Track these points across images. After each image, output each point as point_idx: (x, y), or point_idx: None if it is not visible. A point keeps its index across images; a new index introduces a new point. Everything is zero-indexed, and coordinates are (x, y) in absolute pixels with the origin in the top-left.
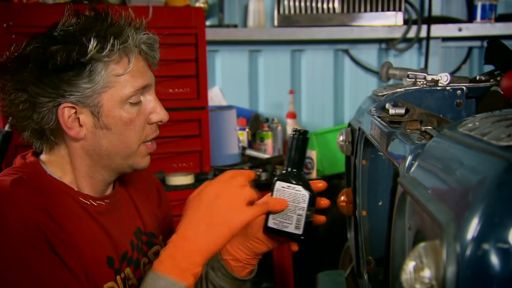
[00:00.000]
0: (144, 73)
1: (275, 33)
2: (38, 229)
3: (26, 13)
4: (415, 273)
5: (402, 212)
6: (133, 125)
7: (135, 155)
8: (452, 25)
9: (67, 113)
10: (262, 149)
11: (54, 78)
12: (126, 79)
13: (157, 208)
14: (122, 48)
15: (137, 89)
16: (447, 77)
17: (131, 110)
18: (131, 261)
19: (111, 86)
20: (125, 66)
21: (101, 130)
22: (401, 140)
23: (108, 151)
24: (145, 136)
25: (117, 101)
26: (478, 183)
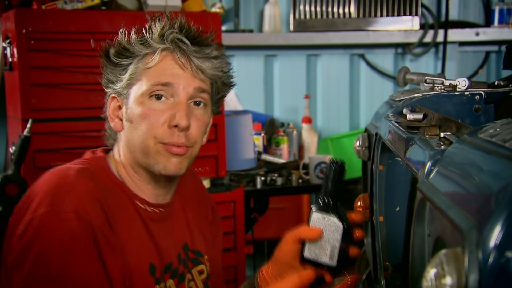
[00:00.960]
0: (169, 72)
1: (291, 38)
2: (88, 224)
3: (45, 19)
4: (437, 281)
5: (421, 218)
6: (147, 119)
7: (155, 155)
8: (469, 29)
9: (112, 103)
10: (278, 153)
11: (106, 66)
12: (151, 73)
13: (208, 227)
14: (147, 41)
15: (155, 84)
16: (465, 82)
17: (149, 105)
18: (176, 274)
19: (138, 79)
20: (151, 60)
21: (128, 123)
22: (420, 146)
23: (133, 146)
24: (160, 136)
25: (139, 94)
26: (500, 190)
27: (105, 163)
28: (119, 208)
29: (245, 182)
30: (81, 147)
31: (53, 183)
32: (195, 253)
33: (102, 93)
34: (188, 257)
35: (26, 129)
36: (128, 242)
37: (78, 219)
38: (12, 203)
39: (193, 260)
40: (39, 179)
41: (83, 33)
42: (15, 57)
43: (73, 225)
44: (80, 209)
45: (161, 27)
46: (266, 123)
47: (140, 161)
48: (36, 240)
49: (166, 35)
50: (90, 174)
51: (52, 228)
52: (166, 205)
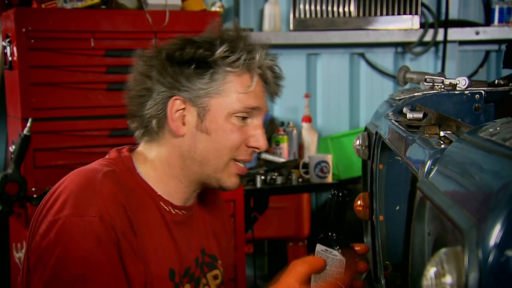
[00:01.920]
0: (260, 97)
1: (291, 37)
2: (112, 229)
3: (45, 18)
4: (436, 279)
5: (421, 217)
6: (231, 138)
7: (224, 171)
8: (469, 28)
9: (176, 106)
10: (278, 153)
11: (176, 69)
12: (241, 95)
13: (223, 233)
14: (247, 63)
15: (247, 107)
16: (465, 81)
17: (235, 123)
18: (193, 278)
19: (224, 96)
20: (247, 82)
21: (201, 133)
22: (420, 145)
23: (201, 157)
24: (238, 154)
25: (225, 111)
26: (500, 189)
27: (131, 163)
28: (143, 211)
29: (245, 181)
30: (80, 146)
31: (79, 184)
32: (211, 257)
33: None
34: (204, 261)
35: (26, 128)
36: (150, 247)
37: (102, 224)
38: (12, 202)
39: (208, 264)
40: (65, 178)
41: (83, 32)
42: (15, 56)
43: (97, 230)
44: (105, 214)
45: (261, 53)
46: (266, 122)
47: (206, 172)
48: (59, 242)
49: (264, 61)
50: (116, 177)
51: (76, 231)
52: (188, 207)
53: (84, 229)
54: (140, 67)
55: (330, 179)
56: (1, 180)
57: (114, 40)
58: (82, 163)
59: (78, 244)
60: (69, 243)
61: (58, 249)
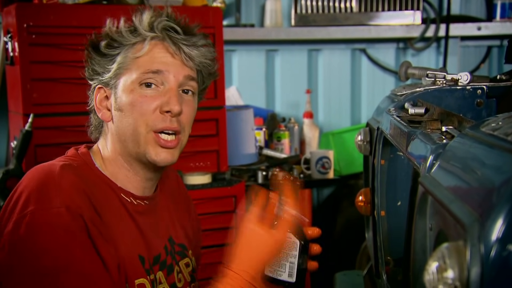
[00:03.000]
0: (162, 60)
1: (292, 32)
2: (79, 217)
3: (46, 14)
4: (438, 274)
5: (423, 212)
6: (139, 106)
7: (146, 144)
8: (471, 24)
9: (99, 94)
10: (279, 148)
11: (91, 58)
12: (141, 62)
13: (189, 222)
14: (138, 30)
15: (146, 71)
16: (467, 76)
17: (139, 92)
18: (164, 265)
19: (128, 68)
20: (140, 48)
21: (117, 112)
22: (422, 140)
23: (123, 135)
24: (153, 123)
25: (129, 83)
26: (502, 184)
27: (89, 158)
28: (105, 201)
29: (247, 177)
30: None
31: (38, 180)
32: (180, 246)
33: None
34: (175, 250)
35: (28, 123)
36: (117, 234)
37: (70, 213)
38: None
39: (179, 253)
40: (22, 178)
41: (85, 28)
42: (16, 52)
43: (65, 220)
44: (70, 203)
45: (150, 16)
46: (268, 118)
47: (131, 150)
48: (29, 236)
49: (156, 23)
50: (74, 169)
51: (44, 224)
52: (150, 197)
53: (52, 221)
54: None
55: (331, 175)
56: (2, 175)
57: None
58: None
59: (49, 237)
60: (40, 237)
61: (29, 244)
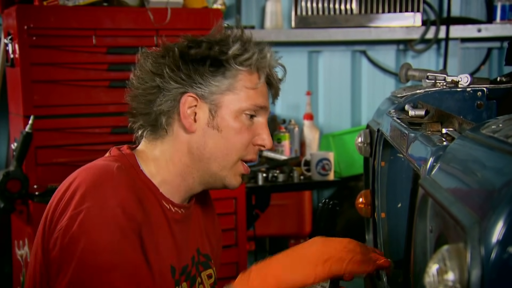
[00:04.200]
0: (266, 96)
1: (292, 34)
2: (133, 220)
3: (46, 15)
4: (439, 276)
5: (423, 214)
6: (241, 135)
7: (231, 169)
8: (471, 25)
9: (188, 102)
10: (279, 150)
11: (190, 67)
12: (251, 93)
13: (213, 233)
14: (258, 62)
15: (257, 105)
16: (467, 78)
17: (244, 121)
18: (189, 277)
19: (236, 93)
20: (254, 81)
21: (212, 130)
22: (422, 142)
23: (210, 154)
24: (246, 153)
25: (235, 108)
26: (503, 186)
27: (134, 160)
28: (149, 206)
29: (247, 179)
30: (82, 143)
31: (95, 178)
32: (205, 256)
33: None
34: (200, 261)
35: (28, 125)
36: (158, 240)
37: (125, 214)
38: (14, 199)
39: (203, 263)
40: (76, 175)
41: (85, 30)
42: (16, 54)
43: (120, 221)
44: (126, 205)
45: (270, 53)
46: (268, 119)
47: (209, 169)
48: (83, 233)
49: (272, 61)
50: (127, 171)
51: (99, 221)
52: (187, 206)
53: (107, 219)
54: (148, 65)
55: (331, 177)
56: (3, 177)
57: (116, 38)
58: (84, 160)
59: (103, 234)
60: (94, 234)
61: (83, 240)
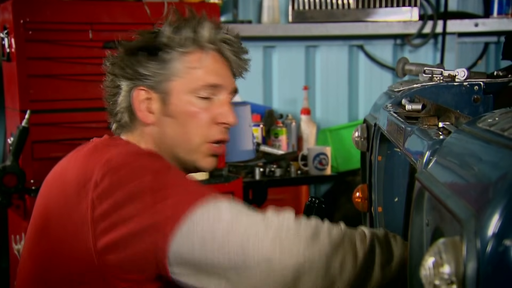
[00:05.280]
0: (220, 73)
1: (290, 29)
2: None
3: (42, 9)
4: (435, 269)
5: (420, 208)
6: (197, 118)
7: (198, 153)
8: (468, 20)
9: (140, 96)
10: (276, 145)
11: (133, 60)
12: (198, 73)
13: None
14: (196, 40)
15: (206, 85)
16: (464, 72)
17: (197, 104)
18: None
19: (182, 76)
20: (199, 59)
21: (167, 118)
22: (419, 136)
23: (171, 141)
24: (209, 134)
25: (185, 92)
26: (499, 179)
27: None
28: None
29: (244, 174)
30: (79, 138)
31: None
32: None
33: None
34: None
35: (25, 120)
36: None
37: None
38: (10, 193)
39: None
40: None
41: (81, 24)
42: (13, 48)
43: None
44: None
45: (209, 27)
46: (265, 114)
47: (177, 155)
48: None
49: (215, 35)
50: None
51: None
52: None
53: (164, 166)
54: (108, 67)
55: (329, 171)
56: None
57: (112, 32)
58: None
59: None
60: (156, 172)
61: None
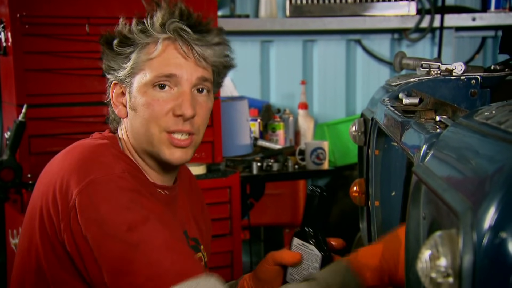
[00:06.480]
0: (175, 62)
1: (287, 23)
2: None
3: (39, 3)
4: (431, 262)
5: (417, 201)
6: (151, 109)
7: (159, 144)
8: (465, 14)
9: (115, 90)
10: (274, 139)
11: (109, 56)
12: (154, 64)
13: (201, 217)
14: (149, 31)
15: (160, 75)
16: (461, 66)
17: (154, 95)
18: None
19: (141, 69)
20: (150, 51)
21: (132, 111)
22: (416, 130)
23: (137, 133)
24: (164, 125)
25: (142, 84)
26: (495, 172)
27: (116, 142)
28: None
29: (241, 168)
30: (76, 132)
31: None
32: (194, 240)
33: (100, 78)
34: (189, 244)
35: (21, 114)
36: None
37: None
38: (7, 188)
39: (192, 247)
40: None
41: (78, 18)
42: (9, 42)
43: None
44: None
45: (161, 16)
46: (262, 109)
47: (145, 148)
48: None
49: (167, 24)
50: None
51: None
52: (170, 188)
53: (118, 184)
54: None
55: (326, 166)
56: None
57: (110, 26)
58: None
59: (119, 197)
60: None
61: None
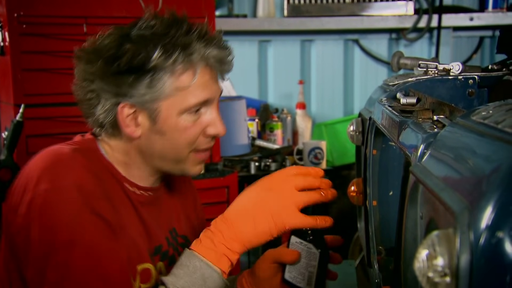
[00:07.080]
0: (209, 86)
1: (285, 23)
2: (92, 196)
3: (36, 3)
4: (428, 262)
5: (414, 201)
6: (187, 133)
7: (185, 162)
8: (463, 14)
9: (126, 112)
10: (272, 139)
11: (118, 77)
12: (189, 91)
13: (194, 213)
14: (187, 60)
15: (198, 102)
16: (459, 66)
17: (188, 119)
18: (166, 256)
19: (172, 96)
20: (189, 78)
21: (155, 135)
22: (413, 129)
23: (159, 154)
24: (196, 145)
25: (176, 110)
26: (492, 171)
27: (95, 145)
28: (111, 188)
29: (239, 168)
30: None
31: (49, 160)
32: (183, 238)
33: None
34: (178, 242)
35: (19, 114)
36: (123, 220)
37: (80, 193)
38: (5, 188)
39: (182, 245)
40: (30, 161)
41: (76, 18)
42: (6, 42)
43: (76, 200)
44: (82, 183)
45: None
46: (260, 108)
47: (165, 166)
48: (42, 215)
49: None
50: (84, 153)
51: (56, 203)
52: (154, 189)
53: (63, 199)
54: (81, 72)
55: (324, 166)
56: None
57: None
58: None
59: (60, 215)
60: (52, 215)
61: (43, 221)
